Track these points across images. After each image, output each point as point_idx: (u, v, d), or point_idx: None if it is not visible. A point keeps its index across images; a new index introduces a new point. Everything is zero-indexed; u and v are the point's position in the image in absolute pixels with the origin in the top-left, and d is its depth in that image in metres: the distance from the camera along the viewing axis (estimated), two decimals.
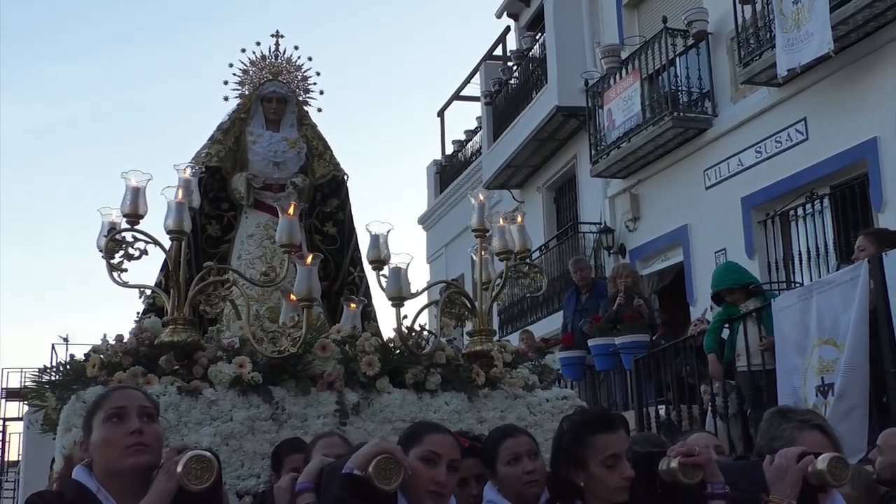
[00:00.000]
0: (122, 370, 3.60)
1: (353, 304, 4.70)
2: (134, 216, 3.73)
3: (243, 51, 5.54)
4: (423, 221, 20.38)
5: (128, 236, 3.74)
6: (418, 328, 3.92)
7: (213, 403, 3.65)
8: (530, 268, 4.24)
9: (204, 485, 2.27)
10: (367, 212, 13.12)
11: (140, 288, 3.91)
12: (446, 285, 4.15)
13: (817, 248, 9.43)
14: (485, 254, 4.24)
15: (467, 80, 18.48)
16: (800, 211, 9.76)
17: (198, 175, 4.13)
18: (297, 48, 5.66)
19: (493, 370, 4.03)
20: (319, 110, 5.70)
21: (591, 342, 9.43)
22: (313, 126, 5.69)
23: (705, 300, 8.84)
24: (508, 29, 17.13)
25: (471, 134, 18.63)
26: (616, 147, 11.86)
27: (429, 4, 47.56)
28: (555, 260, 13.61)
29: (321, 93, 5.67)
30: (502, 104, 15.51)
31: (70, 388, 3.59)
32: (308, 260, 3.78)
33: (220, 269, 3.94)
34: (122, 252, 3.73)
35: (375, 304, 5.44)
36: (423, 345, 3.91)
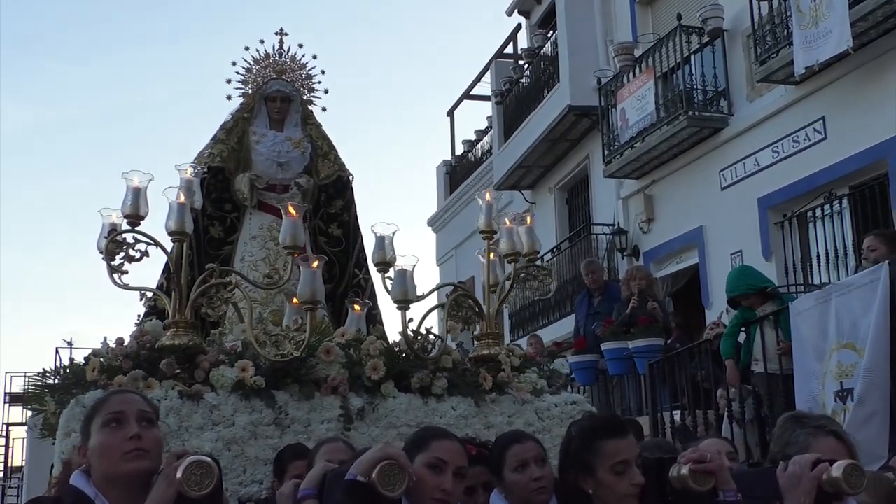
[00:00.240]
0: (122, 374, 3.61)
1: (358, 307, 4.70)
2: (135, 217, 3.74)
3: (247, 49, 5.56)
4: (432, 223, 20.37)
5: (128, 238, 3.75)
6: (424, 331, 3.91)
7: (214, 408, 3.66)
8: (539, 270, 4.23)
9: (204, 491, 2.27)
10: (376, 213, 13.21)
11: (141, 290, 3.92)
12: (453, 288, 4.13)
13: (836, 249, 9.37)
14: (493, 256, 4.23)
15: (477, 79, 18.49)
16: (818, 212, 9.70)
17: (200, 175, 4.13)
18: (301, 46, 5.68)
19: (501, 374, 4.02)
20: (324, 109, 5.73)
21: (604, 346, 9.42)
22: (318, 125, 5.69)
23: (721, 303, 8.81)
24: (519, 27, 17.12)
25: (481, 134, 18.63)
26: (629, 147, 11.83)
27: (438, 2, 47.64)
28: (567, 262, 13.59)
29: (326, 91, 5.70)
30: (513, 103, 15.50)
31: (69, 393, 3.60)
32: (314, 264, 3.79)
33: (223, 271, 3.95)
34: (122, 254, 3.74)
35: (381, 307, 5.45)
36: (429, 348, 3.90)
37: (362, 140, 44.32)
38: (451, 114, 19.98)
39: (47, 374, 3.87)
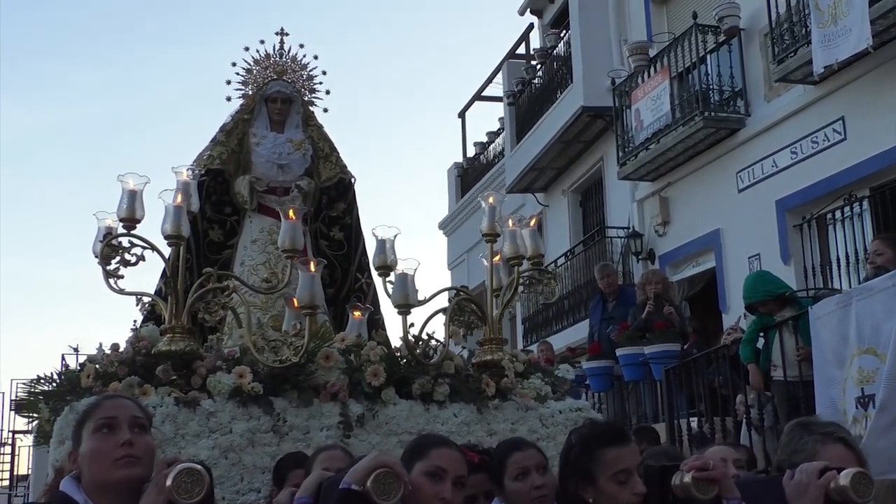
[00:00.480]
0: (117, 380, 3.61)
1: (358, 312, 4.70)
2: (130, 221, 3.76)
3: (246, 49, 5.59)
4: (444, 226, 20.38)
5: (124, 241, 3.76)
6: (426, 337, 3.91)
7: (211, 415, 3.66)
8: (543, 274, 4.21)
9: (194, 499, 2.26)
10: (386, 216, 13.19)
11: (137, 295, 3.93)
12: (455, 292, 4.13)
13: (856, 253, 9.30)
14: (498, 259, 4.22)
15: (489, 80, 18.50)
16: (837, 214, 9.65)
17: (197, 178, 4.15)
18: (302, 46, 5.70)
19: (504, 380, 4.01)
20: (326, 110, 5.75)
21: (619, 352, 9.40)
22: (319, 127, 5.71)
23: (738, 307, 8.76)
24: (532, 26, 17.12)
25: (493, 136, 18.63)
26: (644, 148, 11.81)
27: (449, 2, 47.65)
28: (581, 266, 13.58)
29: (327, 92, 5.72)
30: (526, 104, 15.49)
31: (64, 399, 3.61)
32: (312, 267, 3.79)
33: (220, 275, 3.95)
34: (118, 258, 3.75)
35: (385, 312, 5.45)
36: (430, 354, 3.89)
37: (372, 142, 44.37)
38: (462, 115, 19.99)
39: (41, 381, 3.89)
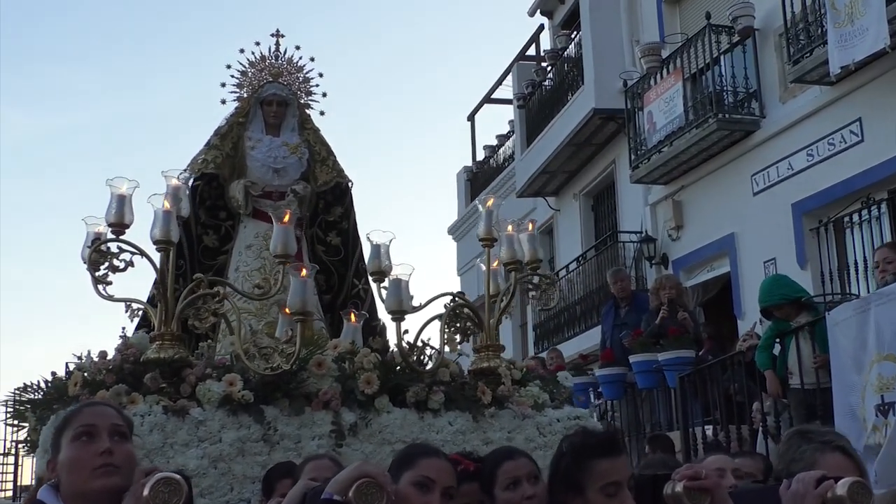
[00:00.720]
0: (105, 388, 3.62)
1: (353, 318, 4.69)
2: (119, 226, 3.77)
3: (242, 51, 5.59)
4: (452, 231, 20.37)
5: (113, 247, 3.77)
6: (420, 343, 3.90)
7: (200, 424, 3.65)
8: (542, 279, 4.20)
9: None
10: (394, 221, 13.16)
11: (126, 301, 3.94)
12: (451, 298, 4.12)
13: (874, 257, 9.25)
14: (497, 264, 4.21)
15: (499, 82, 18.51)
16: (855, 217, 9.61)
17: (187, 182, 4.16)
18: (298, 48, 5.71)
19: (501, 388, 4.00)
20: (322, 113, 5.74)
21: (632, 358, 9.38)
22: (316, 130, 5.70)
23: (754, 313, 8.72)
24: (542, 27, 17.12)
25: (503, 138, 18.63)
26: (657, 151, 11.78)
27: (458, 3, 47.64)
28: (593, 271, 13.55)
29: (324, 95, 5.71)
30: (536, 107, 15.49)
31: (51, 408, 3.62)
32: (303, 272, 3.79)
33: (212, 281, 3.96)
34: (107, 264, 3.76)
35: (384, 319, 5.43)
36: (425, 361, 3.89)
37: (381, 146, 44.42)
38: (471, 118, 20.01)
39: (28, 389, 3.90)
